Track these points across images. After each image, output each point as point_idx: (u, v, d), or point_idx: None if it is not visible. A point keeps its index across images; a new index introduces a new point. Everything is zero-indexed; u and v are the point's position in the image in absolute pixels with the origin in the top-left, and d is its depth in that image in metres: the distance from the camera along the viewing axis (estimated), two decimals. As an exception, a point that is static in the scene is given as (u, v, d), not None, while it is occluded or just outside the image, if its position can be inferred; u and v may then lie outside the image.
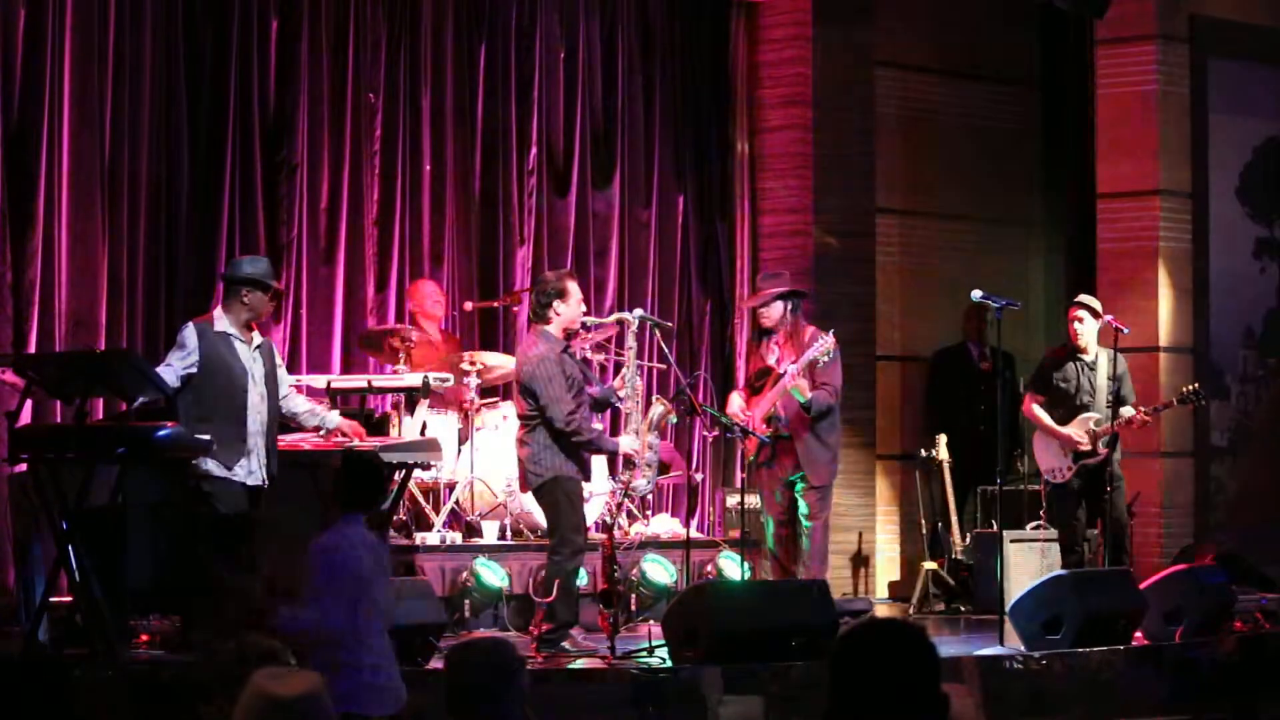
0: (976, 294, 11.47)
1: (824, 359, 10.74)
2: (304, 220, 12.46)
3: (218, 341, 9.55)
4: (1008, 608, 10.69)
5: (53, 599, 9.77)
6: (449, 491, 11.99)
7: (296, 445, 10.14)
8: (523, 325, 12.72)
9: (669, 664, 9.68)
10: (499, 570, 11.41)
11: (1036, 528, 12.73)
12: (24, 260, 11.31)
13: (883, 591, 14.09)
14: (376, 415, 11.55)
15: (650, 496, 12.47)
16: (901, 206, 14.59)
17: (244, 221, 12.16)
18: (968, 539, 13.47)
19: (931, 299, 14.60)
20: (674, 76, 14.16)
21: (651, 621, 10.90)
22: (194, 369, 9.51)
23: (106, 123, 11.61)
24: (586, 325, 10.88)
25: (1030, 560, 12.70)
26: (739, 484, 12.82)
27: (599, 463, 11.54)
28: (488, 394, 12.42)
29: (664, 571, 11.98)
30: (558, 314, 10.25)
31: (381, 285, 12.78)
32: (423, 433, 11.57)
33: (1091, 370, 11.97)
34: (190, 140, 12.02)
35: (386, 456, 10.34)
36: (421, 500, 11.99)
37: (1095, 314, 12.00)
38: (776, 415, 10.95)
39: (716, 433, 13.12)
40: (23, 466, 9.93)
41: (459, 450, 11.98)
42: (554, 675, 9.47)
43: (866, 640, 4.27)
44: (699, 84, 14.27)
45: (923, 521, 13.91)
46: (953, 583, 13.40)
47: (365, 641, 7.31)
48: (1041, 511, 12.54)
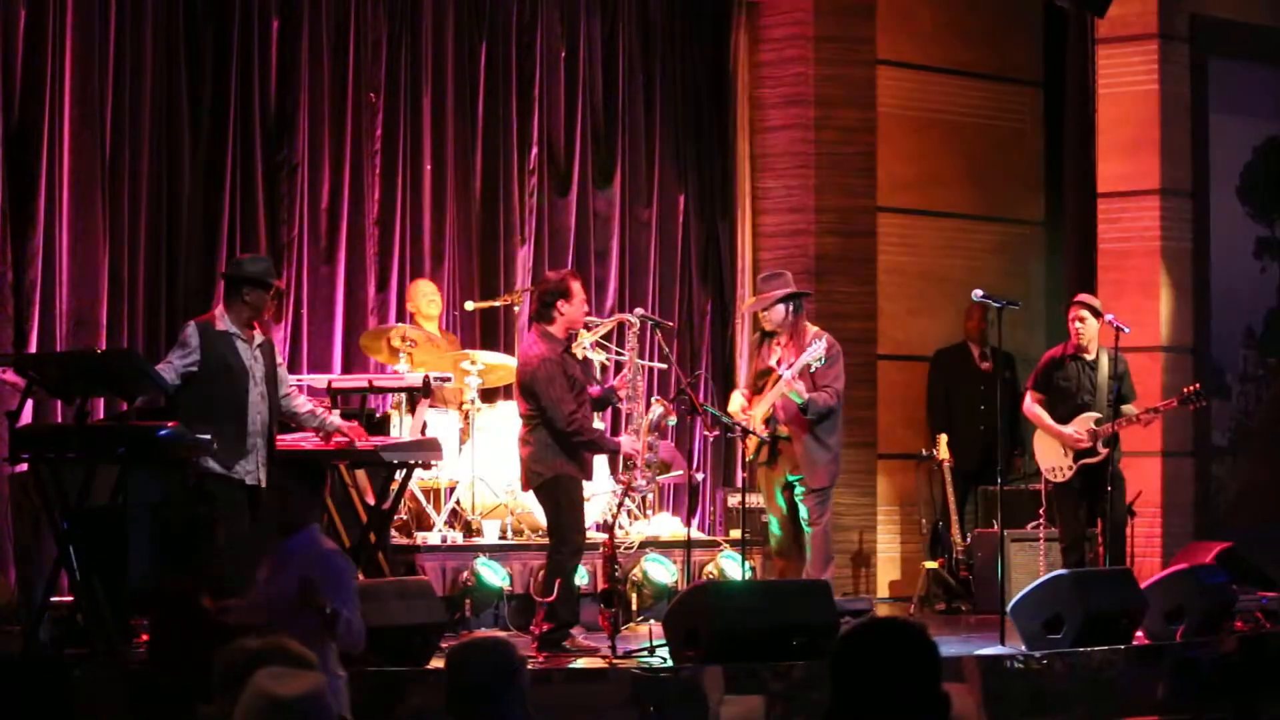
0: (977, 293, 11.48)
1: (816, 363, 10.71)
2: (305, 220, 12.46)
3: (219, 341, 9.54)
4: (1009, 607, 10.68)
5: (53, 599, 9.78)
6: (450, 491, 11.99)
7: (297, 445, 10.13)
8: (523, 325, 12.71)
9: (670, 664, 9.68)
10: (500, 570, 11.40)
11: (1037, 527, 12.73)
12: (25, 260, 11.31)
13: (884, 591, 14.08)
14: (377, 415, 11.56)
15: (651, 496, 12.48)
16: (902, 206, 14.58)
17: (245, 221, 12.16)
18: (968, 538, 13.46)
19: (932, 298, 14.58)
20: (675, 76, 14.16)
21: (652, 621, 10.90)
22: (195, 368, 9.50)
23: (107, 122, 11.61)
24: (590, 326, 10.87)
25: (1031, 560, 12.69)
26: (740, 484, 12.83)
27: (600, 462, 11.54)
28: (488, 393, 12.43)
29: (665, 571, 11.98)
30: (561, 314, 10.25)
31: (382, 285, 12.78)
32: (423, 432, 11.57)
33: (1092, 370, 11.96)
34: (191, 140, 12.02)
35: (387, 456, 10.35)
36: (422, 500, 11.99)
37: (1096, 313, 11.99)
38: (774, 416, 10.94)
39: (717, 432, 13.12)
40: (23, 466, 9.94)
41: (460, 450, 11.98)
42: (555, 675, 9.47)
43: (867, 639, 4.27)
44: (700, 83, 14.26)
45: (923, 521, 13.91)
46: (953, 582, 13.39)
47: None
48: (1042, 511, 12.53)
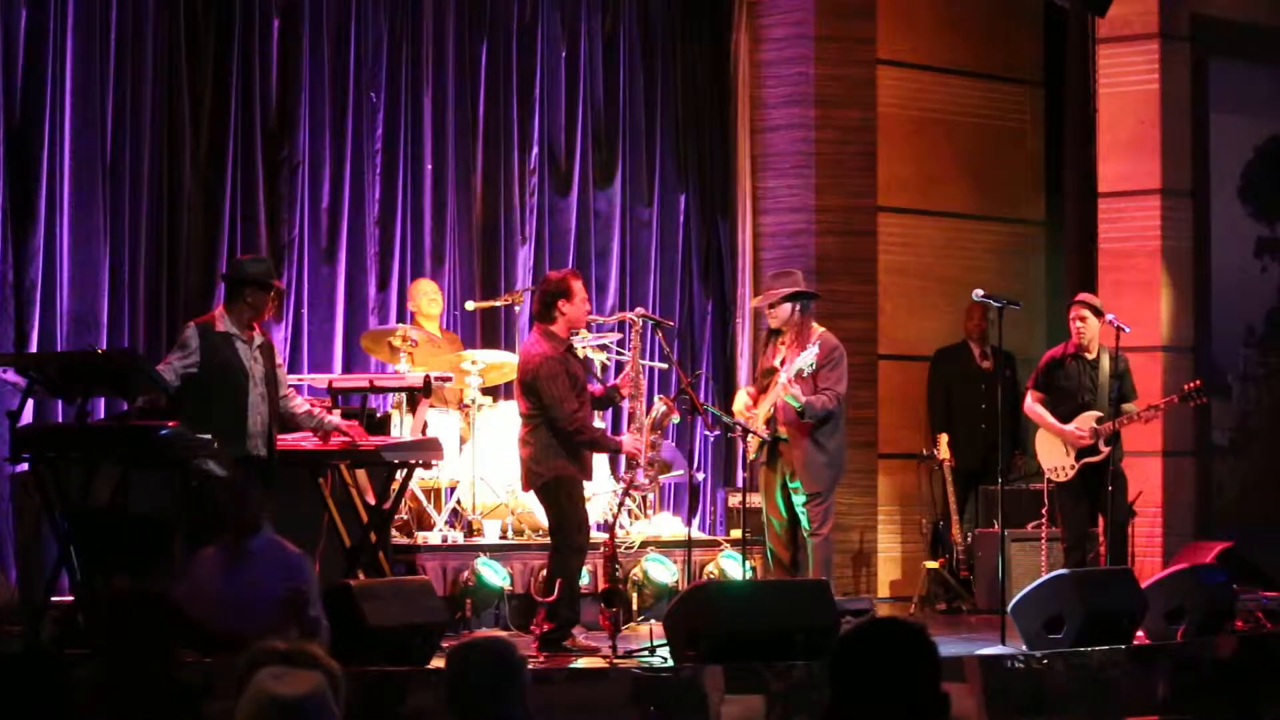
0: (977, 293, 11.48)
1: (807, 369, 10.66)
2: (305, 219, 12.46)
3: (219, 341, 9.54)
4: (1009, 607, 10.67)
5: (53, 599, 9.77)
6: (450, 491, 11.99)
7: (297, 445, 10.13)
8: (524, 324, 12.71)
9: (670, 663, 9.67)
10: (500, 570, 11.40)
11: (1038, 527, 12.73)
12: (26, 259, 11.31)
13: (884, 591, 14.07)
14: (378, 415, 11.56)
15: (652, 496, 12.47)
16: (903, 205, 14.57)
17: (245, 221, 12.16)
18: (969, 538, 13.46)
19: (933, 298, 14.58)
20: (676, 75, 14.16)
21: (653, 621, 10.90)
22: (194, 369, 9.50)
23: (108, 122, 11.61)
24: (592, 326, 10.87)
25: (1032, 560, 12.69)
26: (740, 484, 12.82)
27: (600, 462, 11.54)
28: (489, 393, 12.42)
29: (665, 571, 11.98)
30: (562, 313, 10.25)
31: (383, 284, 12.77)
32: (424, 432, 11.57)
33: (1093, 369, 11.95)
34: (192, 139, 12.02)
35: (388, 456, 10.35)
36: (423, 499, 11.99)
37: (1097, 313, 11.98)
38: (775, 416, 10.92)
39: (718, 432, 13.12)
40: (24, 466, 9.93)
41: (460, 449, 11.98)
42: (555, 675, 9.46)
43: (867, 639, 4.27)
44: (701, 83, 14.26)
45: (924, 521, 13.90)
46: (954, 582, 13.39)
47: None
48: (1043, 510, 12.53)
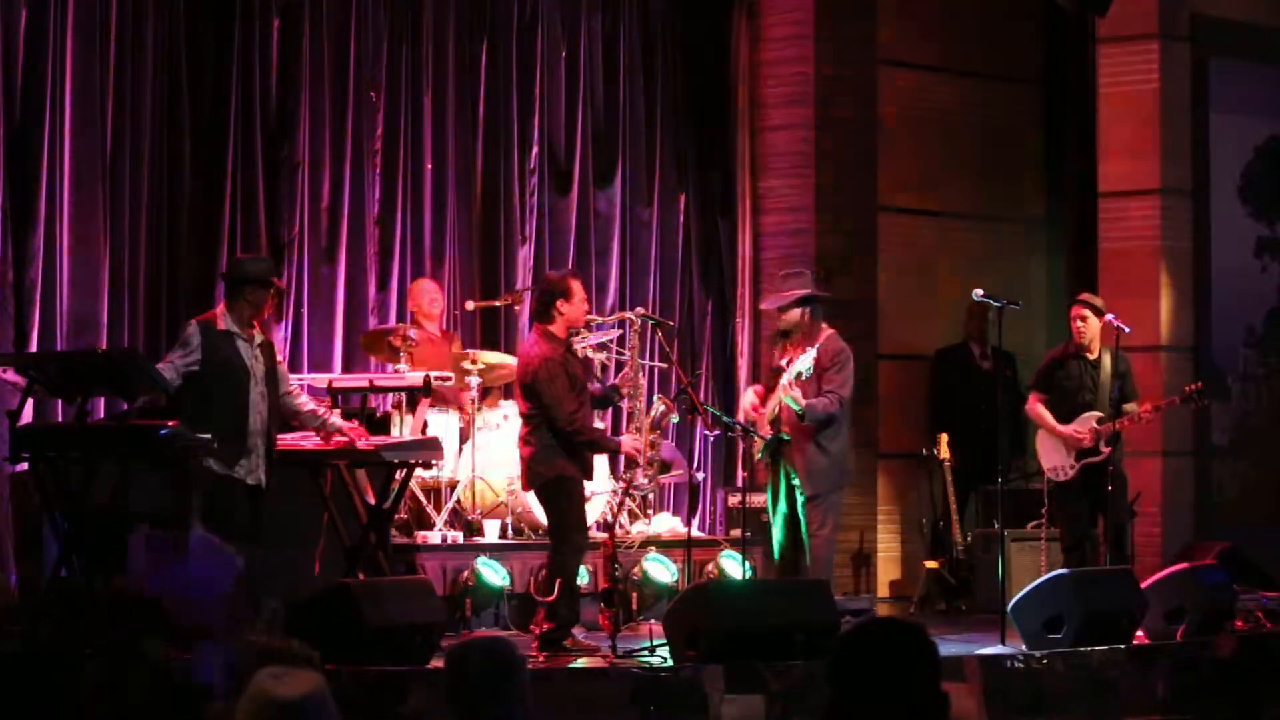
0: (977, 293, 11.47)
1: (805, 372, 10.64)
2: (305, 219, 12.46)
3: (220, 340, 9.55)
4: (1009, 607, 10.68)
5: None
6: (450, 490, 11.99)
7: (297, 444, 10.13)
8: (524, 324, 12.71)
9: (670, 663, 9.68)
10: (500, 569, 11.40)
11: (1038, 527, 12.72)
12: (25, 259, 11.31)
13: (884, 591, 14.07)
14: (378, 414, 11.56)
15: (651, 496, 12.47)
16: (903, 205, 14.57)
17: (245, 220, 12.16)
18: (969, 538, 13.46)
19: (933, 298, 14.58)
20: (676, 75, 14.15)
21: (653, 620, 10.90)
22: (196, 367, 9.50)
23: (108, 122, 11.61)
24: (591, 325, 10.86)
25: (1031, 560, 12.69)
26: (740, 483, 12.82)
27: (600, 462, 11.54)
28: (489, 393, 12.43)
29: (665, 570, 11.98)
30: (561, 313, 10.24)
31: (383, 284, 12.77)
32: (423, 432, 11.57)
33: (1094, 369, 11.94)
34: (191, 139, 12.01)
35: (388, 456, 10.35)
36: (423, 499, 11.99)
37: (1098, 313, 11.97)
38: (778, 417, 10.90)
39: (718, 432, 13.11)
40: (24, 466, 9.93)
41: (460, 449, 11.98)
42: (555, 674, 9.47)
43: (867, 639, 4.27)
44: (701, 82, 14.25)
45: (924, 521, 13.90)
46: (954, 582, 13.38)
47: None
48: (1043, 510, 12.52)
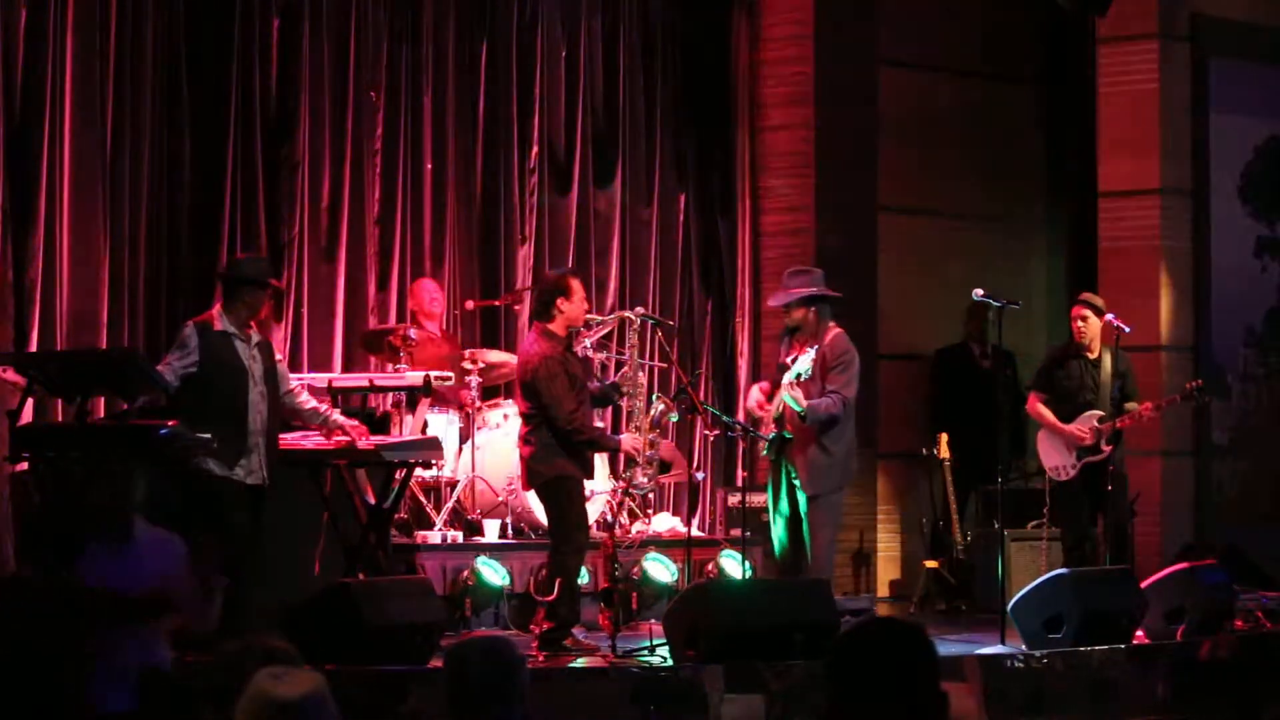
0: (977, 293, 11.46)
1: (805, 373, 10.62)
2: (305, 219, 12.46)
3: (218, 341, 9.54)
4: (1009, 606, 10.68)
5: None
6: (450, 490, 11.99)
7: (296, 445, 10.13)
8: (524, 324, 12.72)
9: (670, 663, 9.68)
10: (500, 569, 11.40)
11: (1038, 526, 12.72)
12: (25, 259, 11.30)
13: (884, 590, 14.07)
14: (378, 414, 11.55)
15: (651, 495, 12.47)
16: (903, 205, 14.57)
17: (245, 220, 12.15)
18: (969, 538, 13.46)
19: (933, 298, 14.58)
20: (675, 75, 14.15)
21: (652, 620, 10.89)
22: (193, 369, 9.50)
23: (108, 122, 11.60)
24: (590, 324, 10.85)
25: (1032, 559, 12.69)
26: (740, 483, 12.82)
27: (600, 461, 11.54)
28: (489, 392, 12.43)
29: (665, 570, 11.98)
30: (561, 312, 10.24)
31: (383, 284, 12.77)
32: (423, 431, 11.57)
33: (1095, 368, 11.94)
34: (191, 139, 12.01)
35: (388, 455, 10.35)
36: (422, 499, 11.99)
37: (1098, 312, 11.96)
38: (782, 415, 10.88)
39: (718, 431, 13.11)
40: (24, 465, 9.93)
41: (460, 449, 11.98)
42: (555, 674, 9.47)
43: (866, 638, 4.28)
44: (701, 82, 14.25)
45: (924, 520, 13.90)
46: (954, 581, 13.38)
47: None
48: (1044, 510, 12.52)
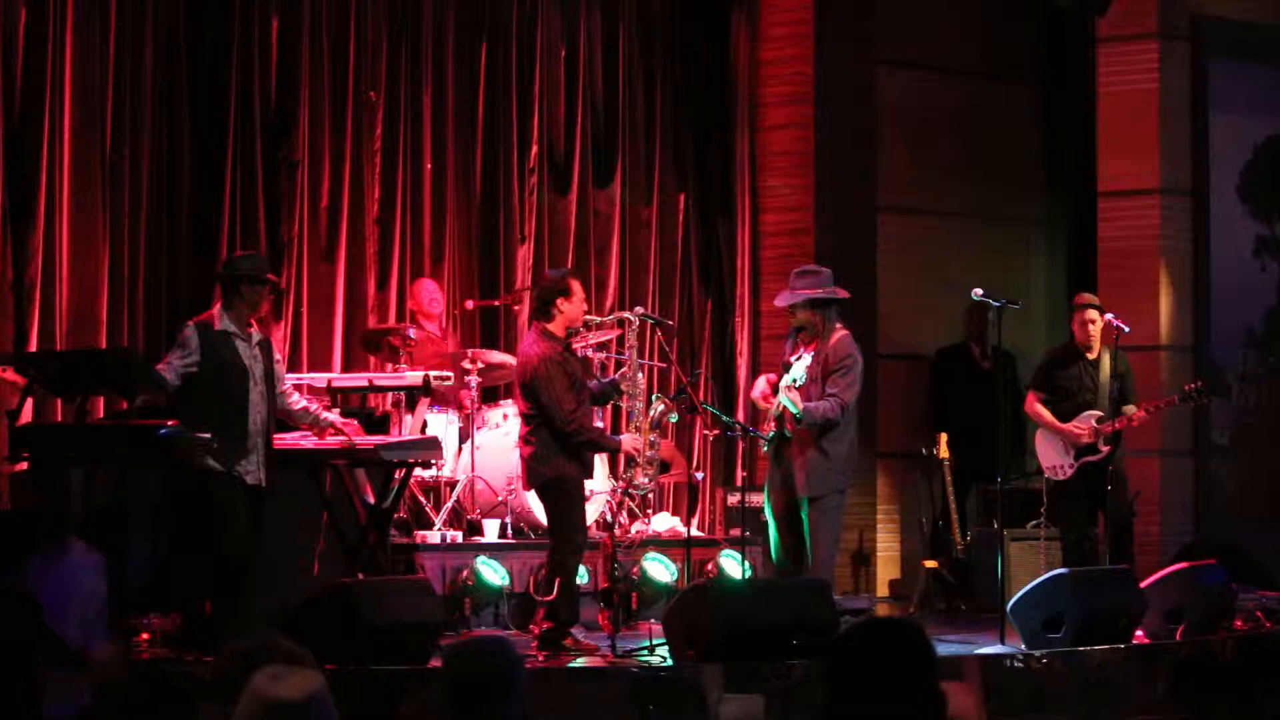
0: (977, 293, 11.44)
1: (800, 379, 10.61)
2: (305, 218, 12.46)
3: (218, 340, 9.54)
4: (1008, 606, 10.68)
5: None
6: (450, 490, 11.99)
7: (296, 444, 10.13)
8: (524, 324, 12.71)
9: (669, 662, 9.68)
10: (500, 568, 11.40)
11: (1037, 526, 12.72)
12: (25, 258, 11.31)
13: (883, 590, 14.07)
14: (377, 414, 11.55)
15: (651, 495, 12.47)
16: (903, 205, 14.56)
17: (245, 219, 12.15)
18: (968, 537, 13.46)
19: (933, 297, 14.56)
20: (675, 74, 14.15)
21: (652, 620, 10.90)
22: (194, 368, 9.49)
23: (107, 121, 11.61)
24: (589, 324, 10.85)
25: (1031, 559, 12.69)
26: (739, 483, 12.82)
27: (600, 461, 11.54)
28: (489, 393, 12.43)
29: (665, 570, 11.98)
30: (560, 312, 10.24)
31: (382, 284, 12.77)
32: (423, 431, 11.57)
33: (1094, 368, 11.94)
34: (191, 139, 12.01)
35: (387, 455, 10.35)
36: (422, 499, 12.00)
37: (1100, 312, 11.98)
38: (783, 414, 10.87)
39: (717, 431, 13.10)
40: (24, 465, 9.93)
41: (459, 449, 11.98)
42: (555, 674, 9.47)
43: (865, 638, 4.27)
44: (700, 82, 14.25)
45: (923, 520, 13.89)
46: (953, 581, 13.38)
47: None
48: (1043, 510, 12.52)
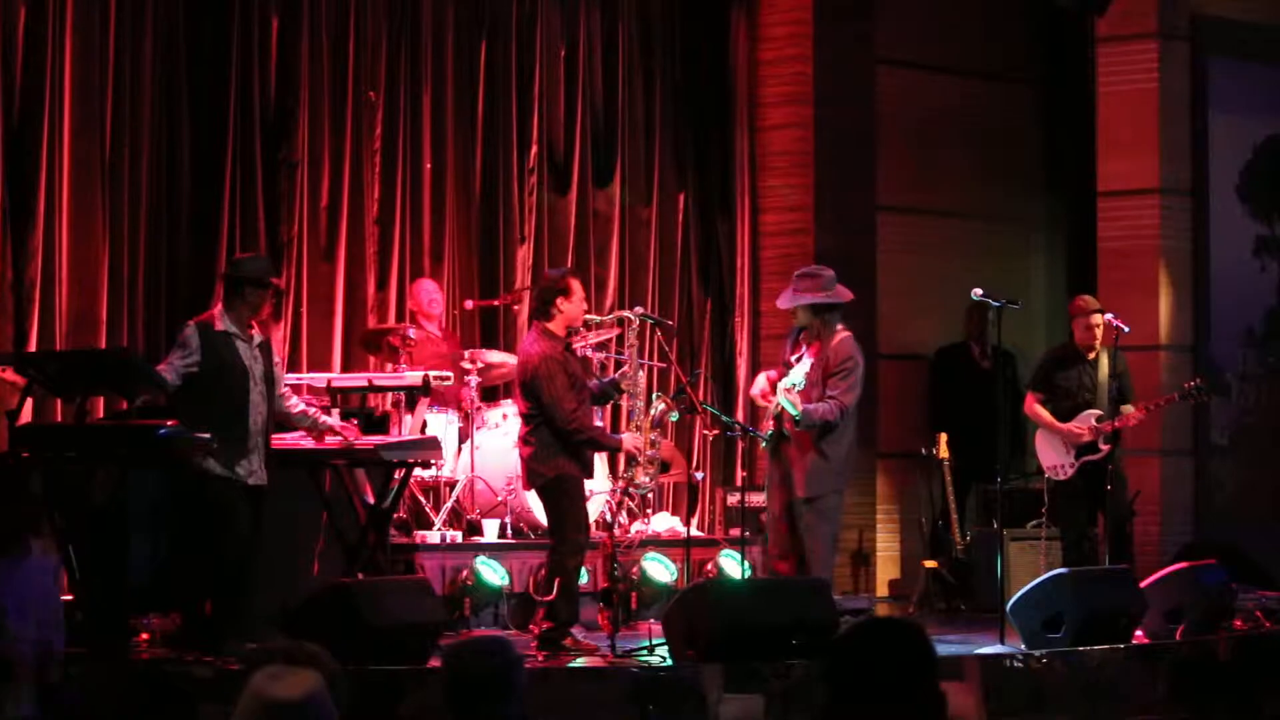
0: (976, 293, 11.44)
1: (798, 384, 10.60)
2: (304, 219, 12.46)
3: (219, 341, 9.53)
4: (1008, 606, 10.68)
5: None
6: (449, 490, 11.99)
7: (295, 445, 10.13)
8: (523, 324, 12.71)
9: (669, 662, 9.68)
10: (499, 568, 11.41)
11: (1037, 526, 12.72)
12: (24, 258, 11.31)
13: (883, 590, 14.07)
14: (377, 414, 11.55)
15: (651, 495, 12.46)
16: (902, 204, 14.56)
17: (244, 220, 12.15)
18: (968, 537, 13.46)
19: (932, 297, 14.57)
20: (675, 74, 14.14)
21: (652, 620, 10.90)
22: (195, 369, 9.49)
23: (107, 121, 11.60)
24: (589, 324, 10.85)
25: (1031, 559, 12.69)
26: (739, 482, 12.82)
27: (600, 461, 11.54)
28: (489, 392, 12.43)
29: (664, 570, 11.98)
30: (560, 311, 10.24)
31: (382, 284, 12.77)
32: (423, 431, 11.57)
33: (1093, 369, 11.95)
34: (190, 138, 12.01)
35: (387, 455, 10.35)
36: (421, 499, 12.00)
37: (1101, 314, 11.98)
38: (781, 414, 10.87)
39: (717, 431, 13.10)
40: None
41: (459, 449, 11.98)
42: (554, 674, 9.47)
43: (864, 638, 4.28)
44: (700, 82, 14.25)
45: (923, 520, 13.89)
46: (953, 581, 13.38)
47: None
48: (1043, 510, 12.52)
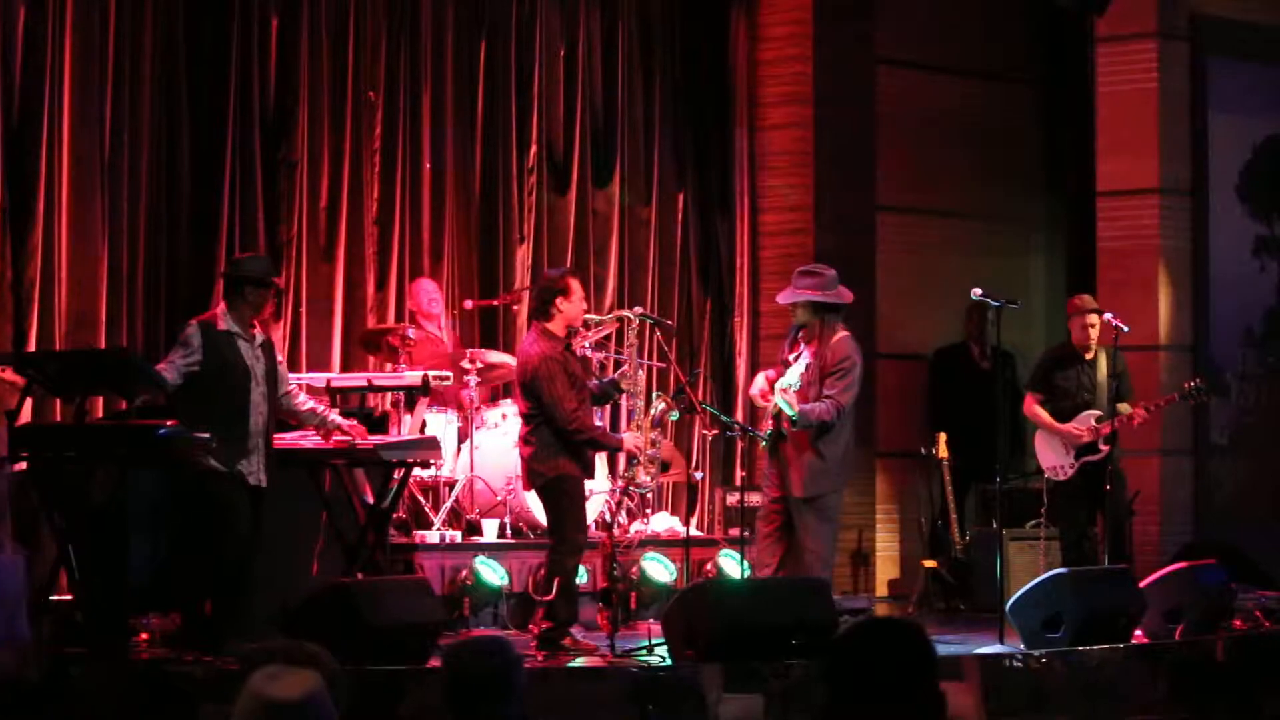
0: (976, 292, 11.44)
1: (794, 385, 10.60)
2: (304, 218, 12.45)
3: (220, 340, 9.53)
4: (1008, 606, 10.68)
5: (53, 598, 9.77)
6: (449, 490, 11.99)
7: (295, 444, 10.13)
8: (523, 323, 12.71)
9: (669, 662, 9.68)
10: (499, 568, 11.41)
11: (1037, 526, 12.72)
12: (24, 258, 11.30)
13: (882, 590, 14.07)
14: (376, 414, 11.55)
15: (650, 495, 12.47)
16: (902, 204, 14.57)
17: (244, 219, 12.15)
18: (967, 537, 13.46)
19: (932, 297, 14.57)
20: (674, 74, 14.15)
21: (651, 620, 10.90)
22: (196, 368, 9.49)
23: (106, 120, 11.60)
24: (588, 323, 10.86)
25: (1030, 558, 12.69)
26: (739, 482, 12.82)
27: (599, 461, 11.54)
28: (488, 392, 12.42)
29: (664, 570, 11.98)
30: (560, 311, 10.24)
31: (381, 283, 12.76)
32: (422, 431, 11.57)
33: (1092, 369, 11.95)
34: (190, 138, 12.01)
35: (386, 455, 10.35)
36: (421, 499, 12.00)
37: (1099, 314, 11.98)
38: (779, 414, 10.86)
39: (716, 431, 13.10)
40: (23, 465, 9.92)
41: (459, 448, 11.98)
42: (554, 673, 9.47)
43: (864, 638, 4.28)
44: (699, 81, 14.25)
45: (922, 520, 13.90)
46: (952, 581, 13.38)
47: None
48: (1042, 509, 12.52)
